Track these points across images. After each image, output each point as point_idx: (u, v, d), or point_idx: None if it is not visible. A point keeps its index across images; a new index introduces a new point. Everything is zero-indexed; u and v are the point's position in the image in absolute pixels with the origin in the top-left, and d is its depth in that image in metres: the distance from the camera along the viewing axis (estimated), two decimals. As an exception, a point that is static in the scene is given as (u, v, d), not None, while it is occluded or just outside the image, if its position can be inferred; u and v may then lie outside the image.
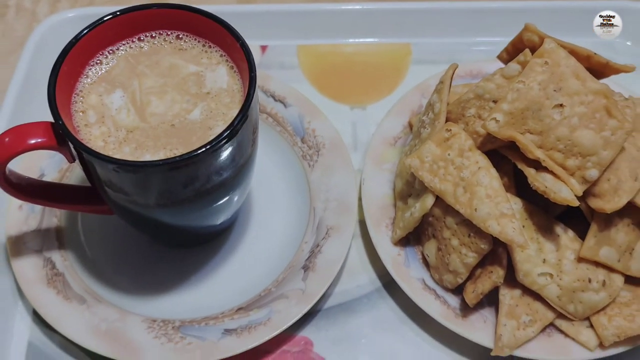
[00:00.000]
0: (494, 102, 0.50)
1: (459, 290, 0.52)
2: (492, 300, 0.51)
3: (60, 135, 0.42)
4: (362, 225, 0.58)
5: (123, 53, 0.47)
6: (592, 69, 0.51)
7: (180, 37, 0.48)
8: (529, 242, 0.48)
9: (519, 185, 0.50)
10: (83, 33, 0.45)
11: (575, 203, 0.45)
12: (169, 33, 0.48)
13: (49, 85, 0.42)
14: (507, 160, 0.50)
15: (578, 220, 0.50)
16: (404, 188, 0.54)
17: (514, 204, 0.49)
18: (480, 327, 0.50)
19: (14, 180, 0.47)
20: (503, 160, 0.50)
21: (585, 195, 0.48)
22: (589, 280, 0.48)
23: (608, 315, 0.49)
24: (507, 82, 0.50)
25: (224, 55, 0.48)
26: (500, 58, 0.56)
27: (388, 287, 0.55)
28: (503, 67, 0.52)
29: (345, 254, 0.53)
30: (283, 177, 0.60)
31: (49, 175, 0.57)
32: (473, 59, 0.66)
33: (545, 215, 0.50)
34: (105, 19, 0.46)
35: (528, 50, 0.50)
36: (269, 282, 0.53)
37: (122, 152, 0.43)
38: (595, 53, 0.51)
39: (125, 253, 0.55)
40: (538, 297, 0.49)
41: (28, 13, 0.76)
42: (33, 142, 0.43)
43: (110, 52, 0.47)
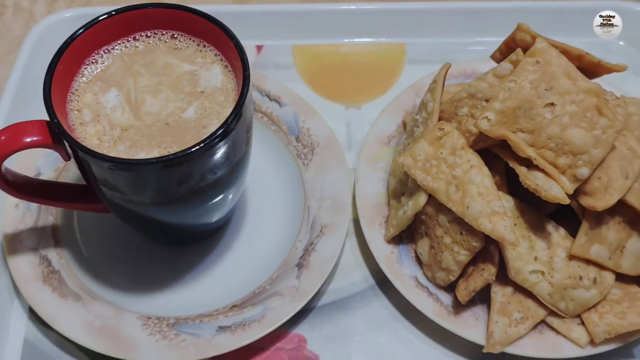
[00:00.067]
0: (486, 101, 0.51)
1: (452, 288, 0.52)
2: (484, 298, 0.52)
3: (56, 134, 0.43)
4: (355, 224, 0.58)
5: (118, 52, 0.48)
6: (584, 69, 0.51)
7: (175, 36, 0.49)
8: (521, 239, 0.49)
9: (511, 184, 0.51)
10: (78, 32, 0.46)
11: (566, 201, 0.46)
12: (164, 32, 0.49)
13: (45, 84, 0.43)
14: (499, 159, 0.50)
15: (569, 219, 0.50)
16: (397, 186, 0.55)
17: (506, 202, 0.49)
18: (472, 324, 0.50)
19: (10, 179, 0.47)
20: (495, 159, 0.51)
21: (577, 194, 0.48)
22: (580, 278, 0.49)
23: (599, 313, 0.50)
24: (499, 81, 0.51)
25: (219, 55, 0.48)
26: (494, 58, 0.56)
27: (381, 284, 0.55)
28: (496, 66, 0.52)
29: (339, 252, 0.53)
30: (278, 175, 0.60)
31: (45, 174, 0.58)
32: (467, 59, 0.67)
33: (537, 214, 0.50)
34: (101, 19, 0.46)
35: (520, 50, 0.50)
36: (263, 279, 0.53)
37: (116, 150, 0.43)
38: (587, 53, 0.51)
39: (121, 251, 0.56)
40: (530, 294, 0.49)
41: (25, 13, 0.76)
42: (29, 140, 0.43)
43: (106, 51, 0.48)
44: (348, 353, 0.52)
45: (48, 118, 0.42)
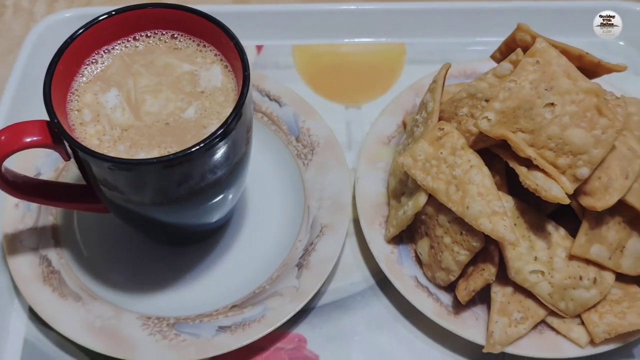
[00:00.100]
0: (486, 101, 0.51)
1: (452, 288, 0.52)
2: (484, 298, 0.52)
3: (56, 134, 0.43)
4: (355, 224, 0.58)
5: (118, 52, 0.48)
6: (584, 69, 0.51)
7: (175, 36, 0.49)
8: (521, 239, 0.49)
9: (511, 184, 0.51)
10: (78, 32, 0.46)
11: (566, 201, 0.46)
12: (164, 32, 0.49)
13: (45, 84, 0.43)
14: (499, 159, 0.50)
15: (569, 219, 0.50)
16: (397, 186, 0.55)
17: (506, 202, 0.49)
18: (472, 324, 0.50)
19: (10, 178, 0.47)
20: (495, 159, 0.51)
21: (577, 194, 0.48)
22: (580, 278, 0.49)
23: (599, 313, 0.50)
24: (499, 81, 0.51)
25: (219, 55, 0.48)
26: (494, 58, 0.56)
27: (381, 284, 0.55)
28: (496, 66, 0.52)
29: (339, 252, 0.53)
30: (278, 175, 0.60)
31: (45, 174, 0.58)
32: (467, 59, 0.67)
33: (537, 214, 0.50)
34: (101, 19, 0.46)
35: (520, 50, 0.50)
36: (263, 279, 0.53)
37: (116, 150, 0.43)
38: (587, 52, 0.51)
39: (121, 251, 0.56)
40: (530, 294, 0.49)
41: (25, 13, 0.77)
42: (29, 140, 0.43)
43: (106, 51, 0.48)
44: (348, 353, 0.52)
45: (48, 118, 0.42)
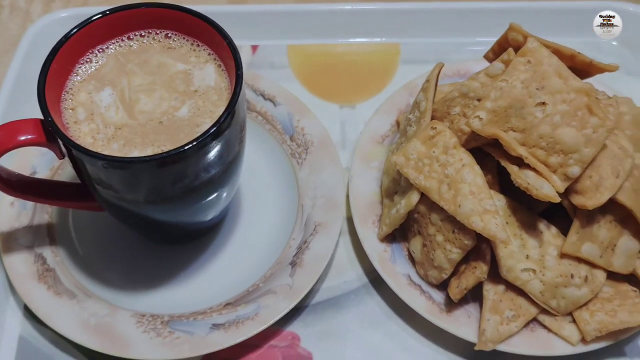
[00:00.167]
0: (479, 100, 0.51)
1: (444, 286, 0.52)
2: (476, 296, 0.52)
3: (50, 132, 0.43)
4: (349, 222, 0.58)
5: (112, 51, 0.48)
6: (576, 69, 0.51)
7: (169, 36, 0.49)
8: (512, 238, 0.49)
9: (503, 183, 0.51)
10: (73, 32, 0.46)
11: (557, 199, 0.46)
12: (158, 32, 0.49)
13: (39, 83, 0.43)
14: (490, 158, 0.51)
15: (561, 217, 0.51)
16: (390, 185, 0.55)
17: (498, 201, 0.50)
18: (465, 322, 0.51)
19: (4, 176, 0.47)
20: (487, 158, 0.51)
21: (568, 192, 0.49)
22: (572, 276, 0.49)
23: (590, 311, 0.50)
24: (491, 80, 0.51)
25: (212, 54, 0.48)
26: (487, 57, 0.57)
27: (375, 283, 0.55)
28: (488, 65, 0.53)
29: (333, 250, 0.53)
30: (272, 174, 0.60)
31: (41, 173, 0.58)
32: (462, 59, 0.67)
33: (529, 212, 0.50)
34: (95, 18, 0.47)
35: (512, 49, 0.51)
36: (257, 277, 0.53)
37: (110, 148, 0.44)
38: (580, 52, 0.51)
39: (115, 249, 0.56)
40: (521, 292, 0.50)
41: (22, 13, 0.77)
42: (23, 138, 0.43)
43: (100, 50, 0.48)
44: (341, 351, 0.52)
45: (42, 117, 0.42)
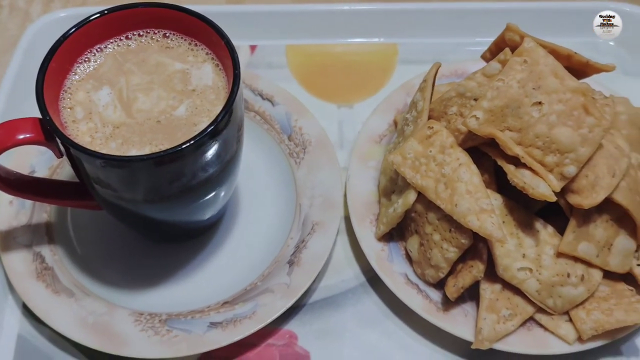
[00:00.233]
0: (475, 100, 0.51)
1: (441, 285, 0.52)
2: (473, 295, 0.52)
3: (48, 131, 0.43)
4: (347, 221, 0.58)
5: (111, 51, 0.48)
6: (573, 69, 0.51)
7: (167, 35, 0.49)
8: (509, 237, 0.49)
9: (500, 182, 0.51)
10: (71, 31, 0.46)
11: (553, 198, 0.46)
12: (156, 32, 0.49)
13: (37, 82, 0.43)
14: (487, 157, 0.51)
15: (557, 217, 0.51)
16: (388, 185, 0.55)
17: (494, 200, 0.50)
18: (461, 320, 0.51)
19: (3, 175, 0.47)
20: (483, 157, 0.51)
21: (564, 192, 0.49)
22: (568, 275, 0.49)
23: (587, 310, 0.50)
24: (487, 80, 0.51)
25: (210, 54, 0.48)
26: (484, 57, 0.57)
27: (372, 282, 0.56)
28: (485, 65, 0.53)
29: (330, 249, 0.53)
30: (270, 174, 0.60)
31: (40, 172, 0.58)
32: (459, 59, 0.67)
33: (525, 211, 0.51)
34: (93, 18, 0.47)
35: (508, 49, 0.51)
36: (255, 276, 0.54)
37: (108, 147, 0.44)
38: (576, 52, 0.52)
39: (114, 248, 0.56)
40: (518, 291, 0.50)
41: (21, 12, 0.77)
42: (21, 137, 0.43)
43: (98, 50, 0.48)
44: (339, 349, 0.52)
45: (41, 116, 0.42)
